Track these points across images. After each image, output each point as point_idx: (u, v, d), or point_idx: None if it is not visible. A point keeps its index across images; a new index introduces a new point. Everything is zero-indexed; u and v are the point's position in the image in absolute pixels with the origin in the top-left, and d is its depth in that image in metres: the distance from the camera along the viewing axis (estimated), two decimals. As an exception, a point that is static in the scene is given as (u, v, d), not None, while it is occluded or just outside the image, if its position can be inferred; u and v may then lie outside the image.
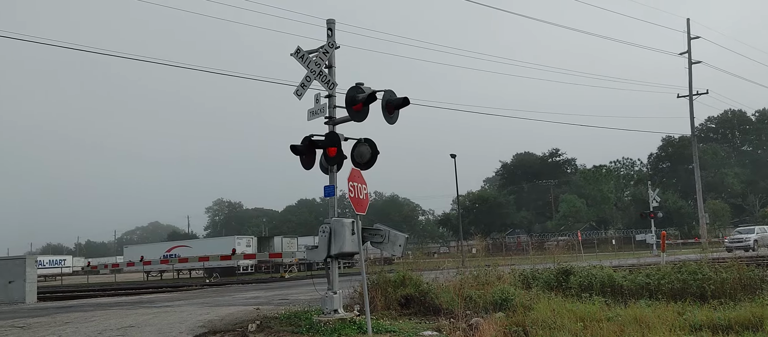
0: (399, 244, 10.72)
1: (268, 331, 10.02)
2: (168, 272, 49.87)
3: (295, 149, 10.95)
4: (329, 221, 10.44)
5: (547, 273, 14.63)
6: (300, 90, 11.03)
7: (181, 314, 12.88)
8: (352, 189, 9.86)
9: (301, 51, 11.00)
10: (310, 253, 10.94)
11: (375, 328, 9.51)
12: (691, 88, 44.68)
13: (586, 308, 10.60)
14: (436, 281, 13.36)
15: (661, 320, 9.16)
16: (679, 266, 13.57)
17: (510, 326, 9.50)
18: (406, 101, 10.70)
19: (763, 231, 42.87)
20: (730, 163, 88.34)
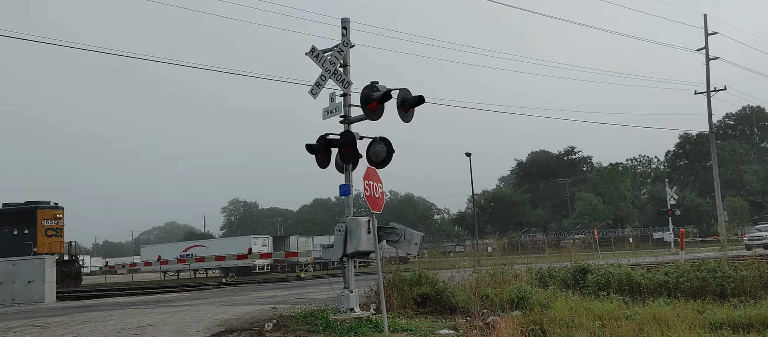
0: (415, 243, 10.69)
1: (285, 330, 10.04)
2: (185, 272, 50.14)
3: (311, 148, 10.96)
4: (345, 220, 10.43)
5: (564, 272, 14.55)
6: (315, 89, 11.04)
7: (198, 313, 12.95)
8: (367, 188, 9.84)
9: (316, 50, 11.00)
10: (325, 252, 11.00)
11: (391, 327, 9.50)
12: (709, 84, 44.24)
13: (604, 306, 10.51)
14: (452, 280, 13.34)
15: (680, 319, 9.06)
16: (698, 264, 13.45)
17: (527, 325, 9.44)
18: (421, 100, 10.67)
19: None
20: (749, 160, 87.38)
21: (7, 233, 31.53)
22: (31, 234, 31.25)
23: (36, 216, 31.74)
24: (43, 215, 31.97)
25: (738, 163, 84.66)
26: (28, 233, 31.26)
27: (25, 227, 31.54)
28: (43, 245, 31.04)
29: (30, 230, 31.42)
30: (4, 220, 32.09)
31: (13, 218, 32.11)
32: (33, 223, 31.53)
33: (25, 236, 31.14)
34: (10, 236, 31.33)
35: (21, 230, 31.55)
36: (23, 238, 31.00)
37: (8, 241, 30.89)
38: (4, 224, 31.87)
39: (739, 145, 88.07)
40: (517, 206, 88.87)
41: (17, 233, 31.42)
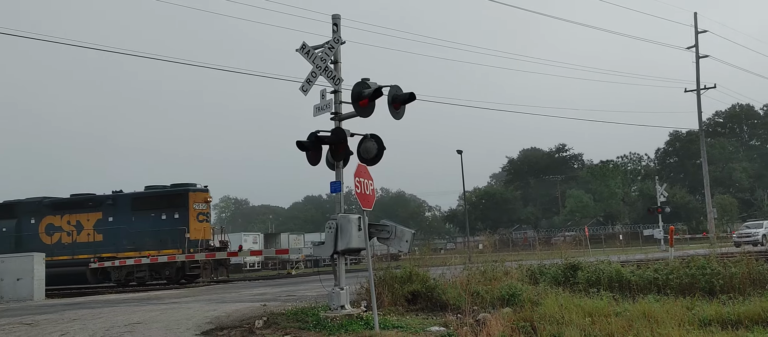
0: (406, 240, 10.69)
1: (275, 327, 10.02)
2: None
3: (301, 145, 10.93)
4: (336, 217, 10.41)
5: (555, 268, 14.61)
6: (306, 86, 11.01)
7: (188, 310, 12.90)
8: (358, 185, 9.84)
9: (307, 47, 10.97)
10: (316, 249, 10.98)
11: (382, 324, 9.50)
12: (699, 82, 44.50)
13: (593, 303, 10.56)
14: (443, 277, 13.35)
15: (669, 315, 9.12)
16: (688, 261, 13.54)
17: (517, 322, 9.47)
18: (412, 97, 10.66)
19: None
20: (738, 158, 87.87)
21: (154, 217, 29.33)
22: (182, 219, 28.88)
23: (187, 199, 29.19)
24: (194, 198, 29.42)
25: (727, 160, 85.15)
26: (180, 218, 28.93)
27: (176, 212, 29.17)
28: (197, 231, 28.94)
29: (181, 214, 29.08)
30: (151, 203, 29.70)
31: (162, 201, 29.72)
32: (185, 206, 29.06)
33: (175, 220, 28.86)
34: (158, 220, 29.16)
35: (170, 214, 29.17)
36: (174, 223, 28.77)
37: (157, 226, 28.96)
38: (151, 208, 29.49)
39: (728, 143, 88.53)
40: (508, 203, 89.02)
41: (166, 217, 29.11)
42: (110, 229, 29.87)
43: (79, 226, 30.38)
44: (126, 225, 29.59)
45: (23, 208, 31.62)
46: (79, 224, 30.43)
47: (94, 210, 30.36)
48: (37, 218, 31.05)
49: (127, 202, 30.23)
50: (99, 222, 30.16)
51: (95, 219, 30.25)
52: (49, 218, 31.00)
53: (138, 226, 29.31)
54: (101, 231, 30.04)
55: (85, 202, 30.88)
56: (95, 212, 30.30)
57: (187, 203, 29.03)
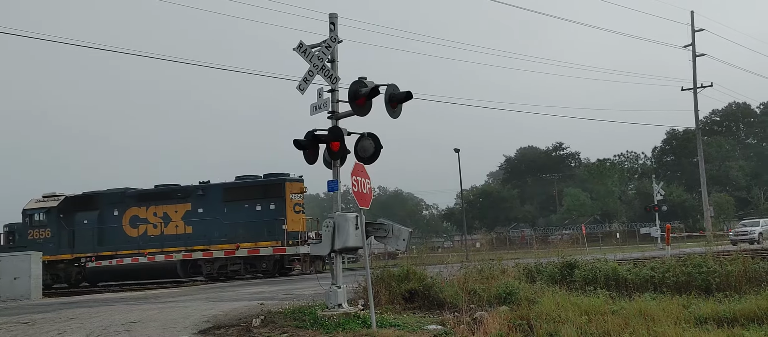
0: (403, 238, 10.72)
1: (273, 326, 10.03)
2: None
3: (298, 144, 10.96)
4: (333, 216, 10.43)
5: (552, 267, 14.63)
6: (303, 85, 11.03)
7: (186, 309, 12.91)
8: (355, 184, 9.86)
9: (304, 45, 10.98)
10: (313, 247, 10.97)
11: (379, 322, 9.51)
12: (696, 80, 44.55)
13: (590, 301, 10.59)
14: (440, 276, 13.36)
15: (665, 313, 9.15)
16: (684, 259, 13.57)
17: (514, 320, 9.50)
18: (409, 95, 10.67)
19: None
20: (735, 156, 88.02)
21: (248, 208, 28.41)
22: (279, 210, 27.93)
23: (284, 189, 28.19)
24: (290, 188, 28.43)
25: (724, 159, 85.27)
26: (276, 209, 27.97)
27: (272, 202, 28.18)
28: (293, 222, 28.05)
29: (278, 205, 28.09)
30: (245, 194, 28.78)
31: (257, 191, 28.77)
32: (281, 197, 28.10)
33: (271, 211, 27.94)
34: (253, 211, 28.25)
35: (266, 205, 28.23)
36: (270, 214, 27.89)
37: (253, 218, 28.06)
38: (245, 199, 28.60)
39: (725, 142, 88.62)
40: (505, 202, 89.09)
41: (260, 208, 28.22)
42: (201, 221, 28.96)
43: (167, 218, 29.48)
44: (218, 217, 28.73)
45: (105, 199, 30.75)
46: (167, 215, 29.52)
47: (183, 201, 29.39)
48: (121, 210, 30.22)
49: (219, 192, 29.30)
50: (188, 214, 29.16)
51: (184, 210, 29.29)
52: (133, 209, 30.05)
53: (231, 217, 28.51)
54: (191, 223, 29.16)
55: (172, 193, 29.99)
56: (184, 203, 29.36)
57: (283, 194, 28.09)
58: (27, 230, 31.07)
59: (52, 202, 31.25)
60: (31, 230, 30.85)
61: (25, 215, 31.53)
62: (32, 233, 30.79)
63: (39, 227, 30.86)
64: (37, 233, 30.74)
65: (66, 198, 31.47)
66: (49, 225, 30.74)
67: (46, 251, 28.95)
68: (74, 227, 30.56)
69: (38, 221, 30.98)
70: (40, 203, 31.56)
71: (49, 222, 30.80)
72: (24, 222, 31.47)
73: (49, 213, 30.86)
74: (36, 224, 30.97)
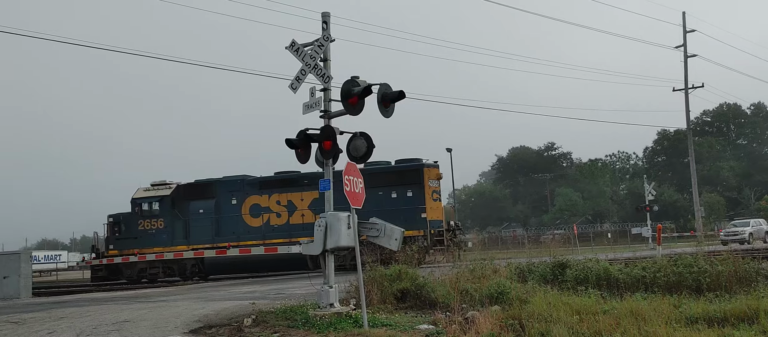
0: (395, 238, 10.73)
1: (264, 325, 10.01)
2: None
3: (291, 143, 10.94)
4: (325, 215, 10.43)
5: (543, 266, 14.64)
6: (295, 83, 11.01)
7: (177, 308, 12.85)
8: (347, 183, 9.86)
9: (296, 44, 10.96)
10: (305, 247, 10.92)
11: (371, 322, 9.50)
12: (687, 81, 44.70)
13: (582, 301, 10.61)
14: (432, 275, 13.36)
15: (657, 313, 9.17)
16: (675, 259, 13.60)
17: (506, 320, 9.50)
18: (402, 95, 10.67)
19: (758, 224, 43.01)
20: (726, 157, 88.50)
21: (383, 195, 26.43)
22: (417, 197, 26.41)
23: (422, 175, 26.69)
24: (428, 174, 26.88)
25: (715, 159, 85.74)
26: (414, 196, 26.46)
27: (409, 189, 26.62)
28: (432, 210, 26.51)
29: (415, 192, 26.54)
30: (379, 180, 26.61)
31: (392, 177, 27.13)
32: (419, 184, 26.59)
33: (409, 199, 26.44)
34: (388, 199, 26.46)
35: (403, 192, 26.68)
36: (408, 202, 26.37)
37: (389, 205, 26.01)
38: (379, 186, 26.47)
39: (716, 142, 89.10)
40: (497, 202, 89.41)
41: (397, 195, 26.63)
42: None
43: (291, 206, 27.76)
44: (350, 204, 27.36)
45: (222, 187, 28.68)
46: (291, 203, 27.80)
47: (309, 189, 27.35)
48: (240, 198, 28.41)
49: None
50: (316, 202, 27.05)
51: (310, 198, 27.40)
52: (253, 197, 28.24)
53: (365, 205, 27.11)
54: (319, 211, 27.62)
55: (297, 180, 28.03)
56: (310, 191, 27.34)
57: (421, 180, 26.66)
58: (136, 220, 29.35)
59: (164, 190, 29.53)
60: (142, 220, 29.16)
61: (135, 204, 29.59)
62: (142, 223, 29.12)
63: (150, 217, 29.16)
64: (147, 224, 29.11)
65: (178, 186, 29.72)
66: (162, 215, 29.05)
67: (158, 242, 28.07)
68: (189, 216, 28.81)
69: (149, 211, 29.21)
70: (150, 192, 29.56)
71: (162, 212, 29.08)
72: (133, 212, 29.57)
73: (161, 202, 29.05)
74: (146, 213, 29.21)
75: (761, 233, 41.59)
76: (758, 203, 72.69)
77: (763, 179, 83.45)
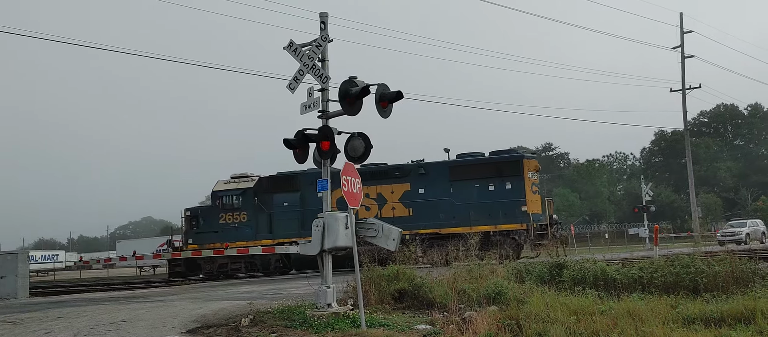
0: (393, 238, 10.72)
1: (262, 325, 10.01)
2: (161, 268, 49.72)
3: (288, 143, 10.95)
4: (323, 216, 10.44)
5: (541, 267, 14.64)
6: (293, 84, 11.01)
7: (174, 308, 12.85)
8: (345, 183, 9.86)
9: (294, 44, 10.96)
10: (303, 247, 10.94)
11: (368, 322, 9.50)
12: (684, 82, 44.74)
13: (579, 301, 10.62)
14: (430, 275, 13.37)
15: (654, 314, 9.19)
16: (672, 259, 13.60)
17: (503, 320, 9.50)
18: (400, 95, 10.67)
19: (755, 225, 43.13)
20: (723, 157, 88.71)
21: (480, 188, 25.97)
22: (517, 189, 25.64)
23: (522, 167, 25.92)
24: (528, 165, 26.21)
25: (712, 160, 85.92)
26: (513, 189, 25.67)
27: (508, 181, 25.80)
28: (532, 203, 25.83)
29: (515, 184, 25.74)
30: (475, 173, 26.37)
31: (489, 170, 26.30)
32: (519, 176, 25.80)
33: (508, 191, 25.66)
34: (485, 191, 25.81)
35: (501, 184, 25.85)
36: (507, 194, 25.62)
37: (486, 198, 25.63)
38: (475, 178, 26.22)
39: (713, 143, 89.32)
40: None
41: (494, 188, 25.82)
42: (423, 202, 26.53)
43: (381, 199, 27.02)
44: (445, 197, 26.38)
45: (307, 180, 27.36)
46: (381, 196, 27.06)
47: (400, 181, 26.98)
48: None
49: (444, 171, 26.91)
50: (407, 194, 26.83)
51: (402, 191, 26.91)
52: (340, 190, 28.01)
53: (460, 198, 26.20)
54: (410, 204, 26.69)
55: (388, 172, 27.46)
56: (401, 183, 26.92)
57: (521, 172, 25.85)
58: (217, 213, 28.67)
59: (246, 183, 28.78)
60: (223, 214, 28.48)
61: (215, 198, 28.87)
62: (224, 216, 28.44)
63: (231, 210, 28.44)
64: (229, 217, 28.42)
65: (260, 179, 28.94)
66: (245, 208, 28.27)
67: (241, 236, 27.50)
68: (273, 209, 28.11)
69: (231, 204, 28.51)
70: (231, 184, 29.01)
71: (245, 205, 28.32)
72: (213, 205, 28.93)
73: (244, 195, 28.29)
74: (228, 207, 28.52)
75: (758, 234, 41.71)
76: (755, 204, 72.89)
77: (759, 180, 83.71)
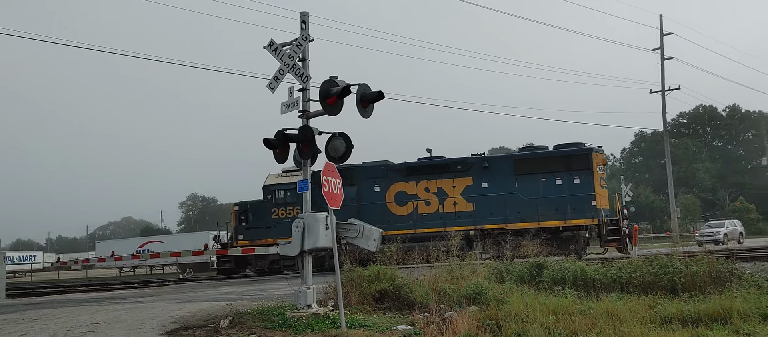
0: (373, 239, 10.70)
1: (241, 326, 9.95)
2: (141, 268, 49.37)
3: (269, 143, 10.89)
4: (303, 216, 10.39)
5: (521, 267, 14.70)
6: (273, 83, 10.95)
7: (153, 309, 12.72)
8: (325, 184, 9.82)
9: (275, 44, 10.90)
10: (283, 248, 10.88)
11: (349, 323, 9.48)
12: (664, 83, 45.23)
13: (558, 301, 10.67)
14: (411, 276, 13.37)
15: (632, 313, 9.25)
16: (651, 259, 13.72)
17: (483, 320, 9.53)
18: (381, 95, 10.66)
19: (733, 225, 43.72)
20: (701, 158, 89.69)
21: (546, 182, 25.53)
22: (586, 184, 25.08)
23: (591, 161, 25.36)
24: (597, 159, 25.66)
25: (691, 161, 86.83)
26: (582, 183, 25.14)
27: (576, 175, 25.30)
28: (601, 197, 25.33)
29: (583, 178, 25.19)
30: (542, 166, 25.95)
31: (557, 163, 25.81)
32: (588, 169, 25.28)
33: (576, 186, 25.15)
34: (552, 185, 25.38)
35: (569, 178, 25.33)
36: (575, 188, 25.14)
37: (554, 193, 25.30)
38: (542, 172, 25.79)
39: (691, 144, 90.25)
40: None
41: (561, 182, 25.31)
42: (487, 196, 25.97)
43: (442, 193, 26.50)
44: (511, 191, 25.87)
45: (363, 174, 27.26)
46: (442, 190, 26.54)
47: (462, 175, 26.42)
48: (383, 185, 27.10)
49: (508, 165, 26.53)
50: (469, 188, 26.25)
51: (463, 185, 26.34)
52: (399, 184, 26.95)
53: (526, 192, 25.77)
54: (473, 199, 26.10)
55: (449, 165, 26.95)
56: (463, 177, 26.36)
57: (591, 166, 25.32)
58: (269, 208, 28.05)
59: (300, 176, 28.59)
60: (276, 209, 27.82)
61: (267, 192, 28.28)
62: (276, 211, 27.80)
63: (284, 204, 27.77)
64: (282, 212, 27.77)
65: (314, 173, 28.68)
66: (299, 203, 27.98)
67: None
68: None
69: (284, 199, 27.85)
70: (284, 178, 28.28)
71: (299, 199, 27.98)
72: (265, 199, 28.29)
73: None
74: (280, 201, 27.90)
75: (736, 234, 42.27)
76: (733, 204, 73.87)
77: (737, 181, 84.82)
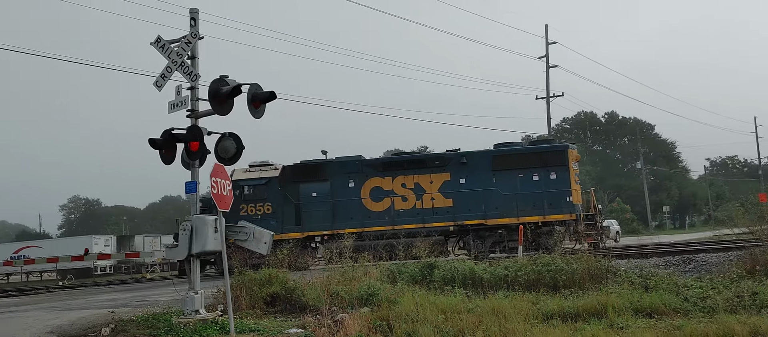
0: (264, 241, 10.55)
1: (124, 334, 9.54)
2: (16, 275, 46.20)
3: (154, 143, 10.44)
4: (191, 219, 10.06)
5: (413, 267, 14.93)
6: (160, 81, 10.54)
7: (27, 320, 11.92)
8: (214, 185, 9.58)
9: (162, 40, 10.51)
10: (169, 252, 10.53)
11: (238, 328, 9.29)
12: (548, 90, 47.30)
13: (448, 300, 10.92)
14: (303, 279, 13.28)
15: (516, 310, 9.61)
16: (535, 258, 14.33)
17: (375, 321, 9.60)
18: (273, 96, 10.54)
19: (610, 224, 46.31)
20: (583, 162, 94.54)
21: (523, 178, 24.92)
22: (562, 180, 24.68)
23: (567, 157, 25.05)
24: (572, 156, 25.37)
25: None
26: (558, 179, 24.71)
27: (553, 171, 24.85)
28: (576, 193, 24.83)
29: (559, 174, 24.80)
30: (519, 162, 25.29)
31: (533, 159, 25.28)
32: (564, 165, 24.93)
33: (553, 181, 24.67)
34: (529, 181, 24.85)
35: (545, 174, 24.84)
36: (551, 184, 24.63)
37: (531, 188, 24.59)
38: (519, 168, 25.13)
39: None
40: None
41: (539, 178, 24.82)
42: (465, 192, 25.29)
43: (419, 189, 25.63)
44: (490, 187, 25.19)
45: (337, 169, 26.11)
46: (418, 186, 25.68)
47: (439, 170, 25.68)
48: (358, 181, 25.76)
49: (486, 161, 25.74)
50: (447, 184, 25.52)
51: (441, 181, 25.59)
52: (374, 180, 25.68)
53: (504, 188, 25.09)
54: (451, 195, 25.20)
55: (426, 161, 26.33)
56: (440, 173, 25.64)
57: (566, 162, 25.10)
58: (238, 204, 25.57)
59: (270, 171, 26.45)
60: (244, 205, 25.93)
61: (236, 187, 24.90)
62: (245, 207, 25.89)
63: (254, 200, 26.22)
64: (251, 208, 25.99)
65: (284, 167, 26.66)
66: (269, 199, 26.02)
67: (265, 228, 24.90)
68: (300, 200, 26.01)
69: (253, 194, 26.36)
70: (252, 173, 26.64)
71: (269, 195, 26.06)
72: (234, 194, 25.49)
73: (269, 184, 26.08)
74: (249, 197, 26.31)
75: (612, 233, 44.81)
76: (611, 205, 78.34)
77: (615, 183, 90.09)
